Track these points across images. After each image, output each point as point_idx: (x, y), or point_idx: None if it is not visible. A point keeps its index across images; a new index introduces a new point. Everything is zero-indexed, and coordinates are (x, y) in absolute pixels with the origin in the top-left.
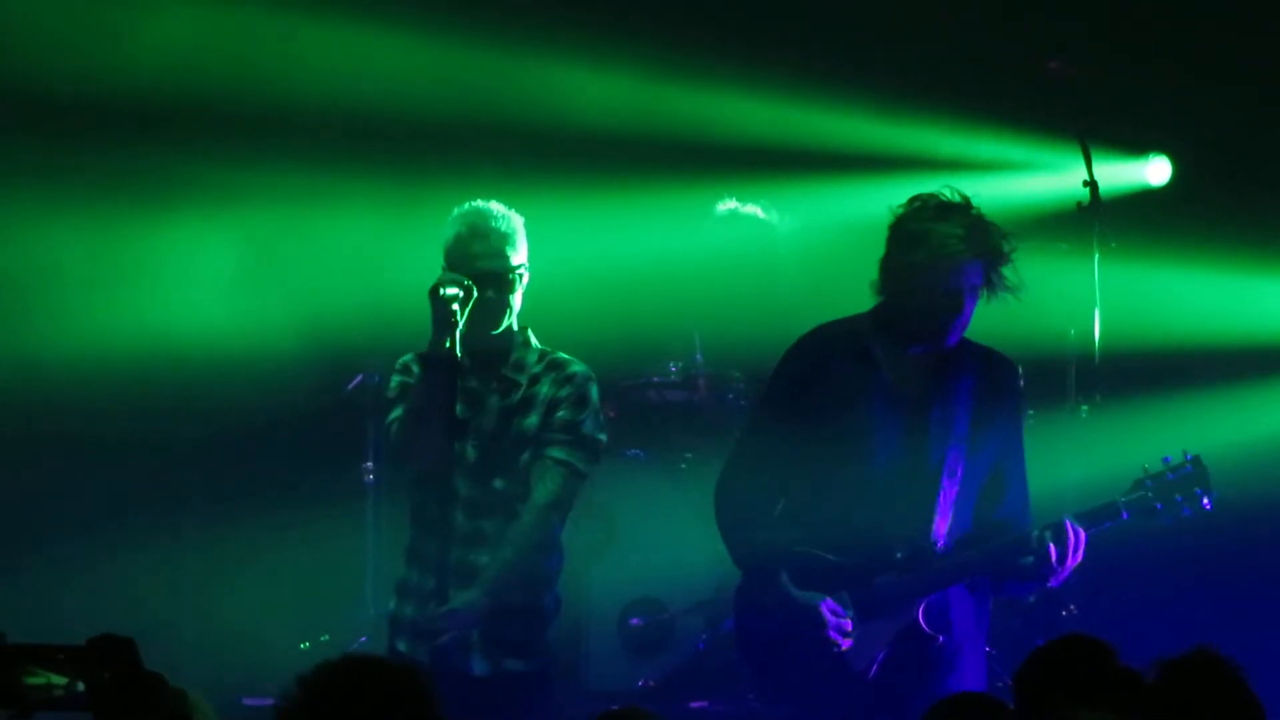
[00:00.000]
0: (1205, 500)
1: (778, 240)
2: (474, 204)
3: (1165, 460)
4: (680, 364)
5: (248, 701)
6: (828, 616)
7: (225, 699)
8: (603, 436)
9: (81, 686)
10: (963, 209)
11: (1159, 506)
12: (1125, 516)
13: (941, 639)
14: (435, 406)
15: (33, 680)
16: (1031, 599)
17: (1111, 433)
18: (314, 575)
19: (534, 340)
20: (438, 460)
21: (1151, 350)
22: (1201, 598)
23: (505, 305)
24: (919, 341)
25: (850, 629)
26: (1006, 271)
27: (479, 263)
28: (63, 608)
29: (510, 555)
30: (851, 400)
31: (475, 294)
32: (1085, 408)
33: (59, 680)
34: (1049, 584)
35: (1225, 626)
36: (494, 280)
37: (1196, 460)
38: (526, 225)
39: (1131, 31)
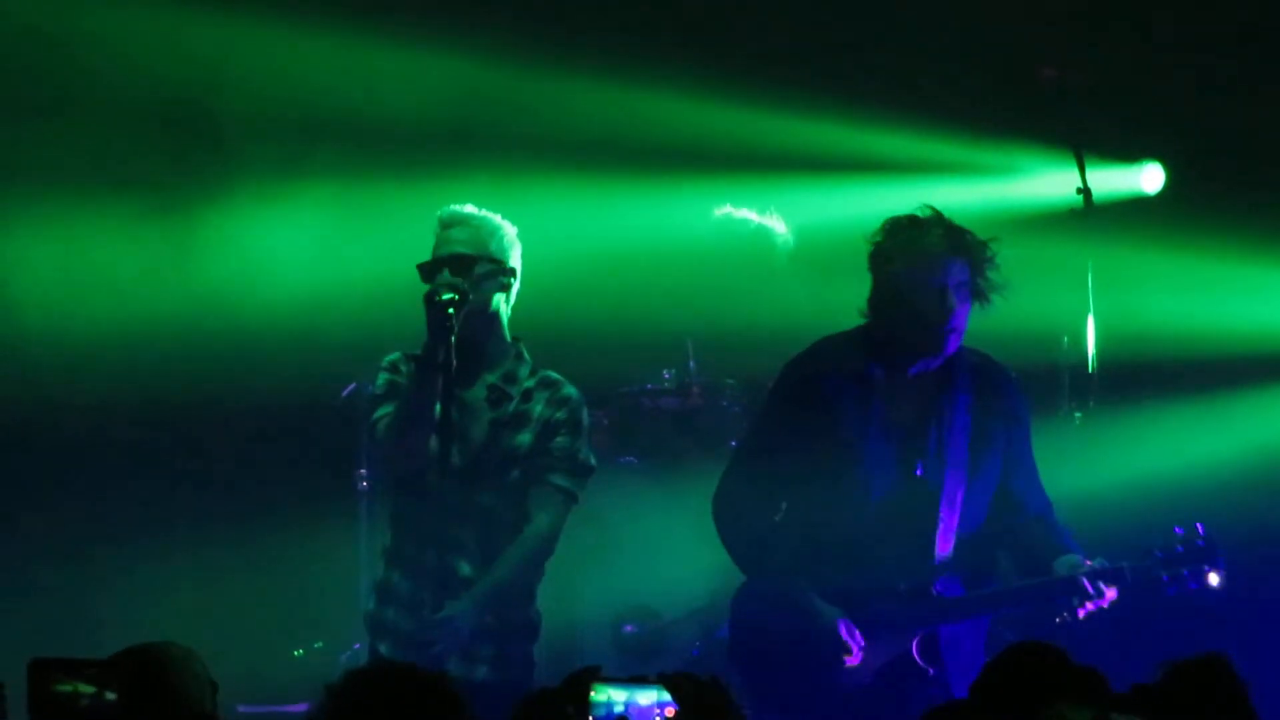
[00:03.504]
0: (1213, 575)
1: (774, 247)
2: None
3: (1178, 531)
4: (674, 371)
5: (242, 709)
6: (844, 635)
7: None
8: (594, 462)
9: (111, 695)
10: (937, 218)
11: (1165, 578)
12: (1129, 582)
13: (932, 672)
14: (427, 409)
15: (60, 688)
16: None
17: (1105, 440)
18: (308, 582)
19: (526, 354)
20: (423, 462)
21: (1145, 357)
22: (1198, 608)
23: (477, 291)
24: (918, 354)
25: (855, 652)
26: (992, 274)
27: (452, 246)
28: (57, 614)
29: (506, 576)
30: (846, 429)
31: (470, 300)
32: (1079, 415)
33: (86, 689)
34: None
35: (1222, 639)
36: (463, 264)
37: (1209, 538)
38: (521, 232)
39: (1125, 38)
